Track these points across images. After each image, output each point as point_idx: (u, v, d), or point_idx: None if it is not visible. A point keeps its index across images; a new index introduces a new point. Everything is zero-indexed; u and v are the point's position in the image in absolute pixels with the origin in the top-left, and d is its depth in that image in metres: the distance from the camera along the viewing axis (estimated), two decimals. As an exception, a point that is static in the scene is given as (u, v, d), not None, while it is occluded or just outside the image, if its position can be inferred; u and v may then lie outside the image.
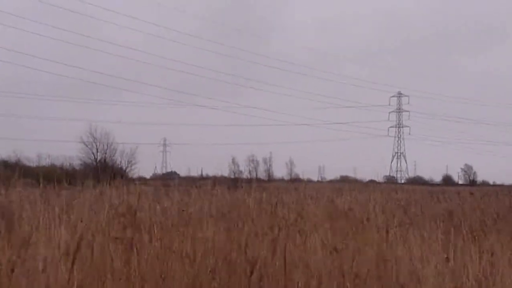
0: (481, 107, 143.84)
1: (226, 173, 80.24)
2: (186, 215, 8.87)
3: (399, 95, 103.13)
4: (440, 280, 6.74)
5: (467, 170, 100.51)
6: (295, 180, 77.28)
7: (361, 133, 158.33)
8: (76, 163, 58.77)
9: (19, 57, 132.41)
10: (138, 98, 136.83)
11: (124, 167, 60.31)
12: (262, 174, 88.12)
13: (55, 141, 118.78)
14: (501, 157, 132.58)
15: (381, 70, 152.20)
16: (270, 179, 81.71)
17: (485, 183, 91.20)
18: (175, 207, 9.69)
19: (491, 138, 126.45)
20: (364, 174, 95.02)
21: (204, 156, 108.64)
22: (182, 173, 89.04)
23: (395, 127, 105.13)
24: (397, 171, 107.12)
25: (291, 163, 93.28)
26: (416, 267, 7.00)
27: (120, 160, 60.90)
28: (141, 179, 54.28)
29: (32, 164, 61.06)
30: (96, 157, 59.46)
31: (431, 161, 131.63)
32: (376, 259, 7.35)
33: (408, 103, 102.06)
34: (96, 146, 59.86)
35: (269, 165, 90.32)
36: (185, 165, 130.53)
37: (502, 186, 65.03)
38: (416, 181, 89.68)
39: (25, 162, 59.24)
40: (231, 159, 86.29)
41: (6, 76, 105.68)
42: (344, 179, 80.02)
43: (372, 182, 74.11)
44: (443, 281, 6.72)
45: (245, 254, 7.01)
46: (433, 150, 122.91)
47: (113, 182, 12.16)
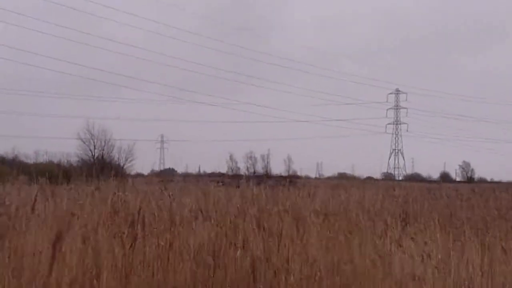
0: (479, 105, 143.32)
1: (224, 170, 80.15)
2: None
3: (397, 92, 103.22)
4: (439, 278, 6.75)
5: (465, 167, 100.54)
6: (293, 177, 77.18)
7: (359, 130, 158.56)
8: (74, 160, 58.63)
9: (20, 55, 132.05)
10: (137, 95, 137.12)
11: (122, 164, 60.19)
12: (260, 171, 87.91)
13: (54, 138, 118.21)
14: (499, 154, 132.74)
15: (380, 68, 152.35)
16: (269, 176, 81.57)
17: (483, 180, 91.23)
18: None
19: (489, 136, 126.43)
20: (362, 171, 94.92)
21: (202, 153, 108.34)
22: (180, 170, 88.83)
23: (393, 124, 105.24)
24: (395, 168, 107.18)
25: (289, 160, 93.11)
26: (415, 266, 7.01)
27: (118, 157, 60.77)
28: (139, 176, 54.27)
29: (30, 161, 61.03)
30: (94, 154, 59.36)
31: (429, 158, 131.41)
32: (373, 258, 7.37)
33: (406, 100, 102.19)
34: (94, 143, 59.73)
35: (267, 162, 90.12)
36: (183, 162, 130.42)
37: (500, 183, 65.06)
38: (414, 178, 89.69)
39: (23, 159, 59.19)
40: (229, 156, 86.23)
41: (7, 74, 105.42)
42: (342, 176, 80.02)
43: (370, 179, 74.19)
44: (442, 280, 6.74)
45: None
46: (431, 147, 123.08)
47: (113, 179, 12.16)
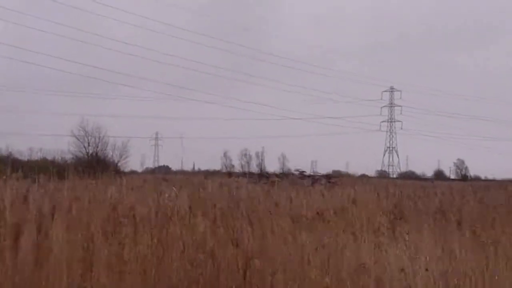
0: (474, 103, 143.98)
1: (218, 167, 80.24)
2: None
3: (391, 90, 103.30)
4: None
5: (459, 165, 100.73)
6: (287, 175, 77.20)
7: (354, 128, 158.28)
8: (68, 157, 58.50)
9: (17, 52, 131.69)
10: (133, 92, 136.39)
11: (116, 161, 60.16)
12: (255, 169, 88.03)
13: (49, 136, 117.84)
14: (493, 152, 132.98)
15: (375, 66, 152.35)
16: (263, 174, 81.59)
17: (477, 178, 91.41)
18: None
19: (483, 134, 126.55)
20: (356, 169, 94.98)
21: (197, 150, 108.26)
22: (174, 167, 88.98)
23: (387, 122, 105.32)
24: (389, 166, 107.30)
25: (284, 158, 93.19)
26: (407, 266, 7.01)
27: (112, 154, 60.72)
28: (133, 173, 54.21)
29: (24, 158, 60.83)
30: (88, 151, 59.29)
31: (423, 156, 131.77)
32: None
33: (401, 98, 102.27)
34: (88, 140, 59.65)
35: (261, 160, 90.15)
36: (177, 159, 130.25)
37: (494, 181, 65.19)
38: (408, 176, 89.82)
39: (17, 156, 59.00)
40: (223, 153, 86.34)
41: (1, 72, 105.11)
42: (336, 174, 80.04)
43: (364, 177, 74.17)
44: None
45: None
46: (425, 145, 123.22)
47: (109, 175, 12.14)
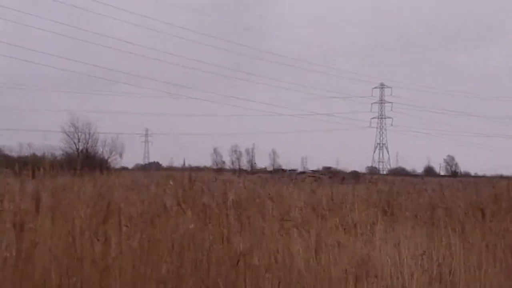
0: (465, 100, 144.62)
1: (209, 164, 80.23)
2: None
3: (382, 86, 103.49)
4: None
5: (449, 161, 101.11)
6: (278, 171, 77.51)
7: (344, 124, 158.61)
8: (58, 153, 58.38)
9: (15, 50, 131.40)
10: (126, 90, 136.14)
11: (106, 157, 60.17)
12: (245, 165, 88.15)
13: (39, 131, 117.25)
14: (483, 149, 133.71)
15: (368, 63, 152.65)
16: (253, 170, 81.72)
17: (467, 174, 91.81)
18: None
19: (473, 130, 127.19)
20: (347, 165, 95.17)
21: (187, 147, 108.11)
22: (165, 164, 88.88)
23: (377, 118, 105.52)
24: (379, 162, 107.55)
25: (274, 154, 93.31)
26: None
27: (102, 150, 60.73)
28: (124, 170, 54.17)
29: (14, 154, 60.72)
30: (78, 147, 59.23)
31: (414, 152, 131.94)
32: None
33: (391, 95, 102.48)
34: (78, 136, 59.61)
35: (252, 156, 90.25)
36: (168, 156, 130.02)
37: (483, 177, 65.49)
38: (398, 172, 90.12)
39: (7, 152, 58.94)
40: (213, 150, 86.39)
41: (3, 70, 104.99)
42: (327, 170, 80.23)
43: (355, 173, 74.35)
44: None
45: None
46: (416, 141, 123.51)
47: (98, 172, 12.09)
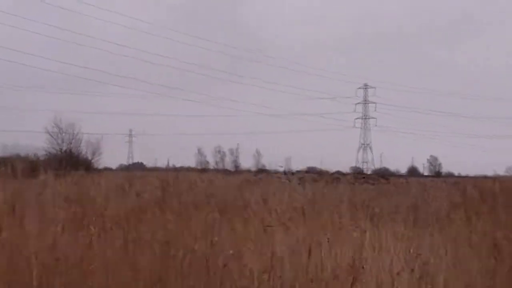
0: (449, 100, 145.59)
1: (193, 164, 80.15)
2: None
3: (366, 87, 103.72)
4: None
5: (432, 162, 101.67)
6: (262, 171, 77.48)
7: (329, 124, 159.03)
8: (42, 154, 57.97)
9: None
10: (111, 90, 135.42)
11: (90, 158, 59.84)
12: (229, 165, 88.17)
13: (22, 132, 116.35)
14: (467, 149, 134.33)
15: (352, 62, 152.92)
16: (237, 170, 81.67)
17: (450, 175, 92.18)
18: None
19: (457, 130, 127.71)
20: (331, 165, 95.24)
21: (171, 148, 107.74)
22: (149, 164, 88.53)
23: (361, 119, 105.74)
24: (363, 163, 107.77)
25: (258, 154, 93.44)
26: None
27: (86, 151, 60.39)
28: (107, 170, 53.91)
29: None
30: (61, 148, 58.86)
31: (398, 153, 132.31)
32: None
33: (375, 95, 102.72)
34: (62, 137, 59.25)
35: (236, 156, 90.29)
36: (152, 157, 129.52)
37: (467, 177, 65.77)
38: (382, 173, 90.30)
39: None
40: (197, 150, 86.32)
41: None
42: (311, 170, 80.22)
43: (338, 174, 74.34)
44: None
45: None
46: (400, 142, 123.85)
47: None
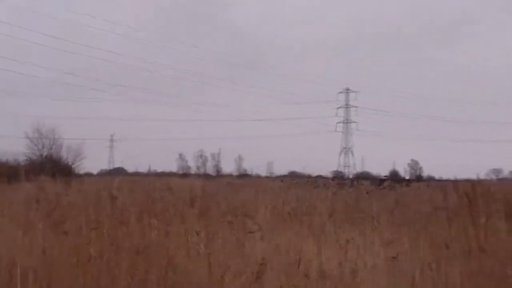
0: (430, 103, 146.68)
1: (174, 169, 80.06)
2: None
3: (347, 91, 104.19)
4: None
5: (413, 165, 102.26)
6: (244, 176, 77.51)
7: (310, 129, 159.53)
8: (22, 159, 57.62)
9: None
10: (90, 95, 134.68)
11: (71, 163, 59.54)
12: (211, 170, 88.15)
13: (4, 138, 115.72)
14: (449, 153, 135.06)
15: (334, 66, 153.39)
16: (219, 175, 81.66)
17: (431, 178, 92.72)
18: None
19: (440, 134, 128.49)
20: (313, 169, 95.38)
21: (153, 153, 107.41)
22: (130, 169, 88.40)
23: (343, 123, 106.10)
24: (345, 167, 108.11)
25: (240, 159, 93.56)
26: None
27: (67, 156, 60.10)
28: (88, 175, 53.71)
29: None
30: (42, 153, 58.57)
31: (379, 156, 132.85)
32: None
33: (356, 99, 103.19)
34: (42, 142, 58.96)
35: (218, 161, 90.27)
36: (133, 162, 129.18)
37: (447, 181, 66.18)
38: (364, 176, 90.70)
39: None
40: (178, 155, 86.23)
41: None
42: (293, 175, 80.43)
43: (320, 177, 74.70)
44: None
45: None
46: (381, 146, 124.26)
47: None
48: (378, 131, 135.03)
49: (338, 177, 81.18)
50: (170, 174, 62.36)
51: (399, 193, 22.45)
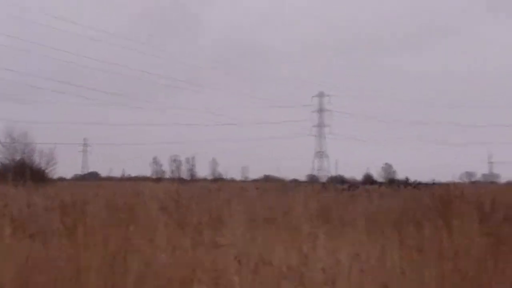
0: (404, 107, 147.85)
1: (148, 173, 79.68)
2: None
3: (321, 95, 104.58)
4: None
5: (387, 169, 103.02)
6: (218, 180, 77.39)
7: (285, 132, 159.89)
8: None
9: None
10: (62, 99, 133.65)
11: (44, 168, 58.88)
12: (185, 174, 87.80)
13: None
14: (422, 156, 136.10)
15: (309, 70, 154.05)
16: (193, 179, 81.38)
17: (405, 181, 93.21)
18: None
19: (411, 137, 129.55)
20: (287, 173, 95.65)
21: (127, 157, 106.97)
22: (103, 174, 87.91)
23: (317, 127, 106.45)
24: (319, 170, 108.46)
25: (214, 163, 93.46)
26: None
27: (39, 161, 59.43)
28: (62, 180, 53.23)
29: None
30: (14, 158, 57.86)
31: (353, 160, 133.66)
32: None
33: (330, 103, 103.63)
34: (14, 146, 58.27)
35: (192, 165, 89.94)
36: (107, 166, 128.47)
37: (421, 184, 66.48)
38: (337, 180, 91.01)
39: None
40: (152, 159, 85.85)
41: None
42: (268, 178, 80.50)
43: (295, 181, 74.82)
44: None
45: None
46: (355, 149, 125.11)
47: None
48: (353, 135, 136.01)
49: (312, 181, 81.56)
50: (144, 179, 62.10)
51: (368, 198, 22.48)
